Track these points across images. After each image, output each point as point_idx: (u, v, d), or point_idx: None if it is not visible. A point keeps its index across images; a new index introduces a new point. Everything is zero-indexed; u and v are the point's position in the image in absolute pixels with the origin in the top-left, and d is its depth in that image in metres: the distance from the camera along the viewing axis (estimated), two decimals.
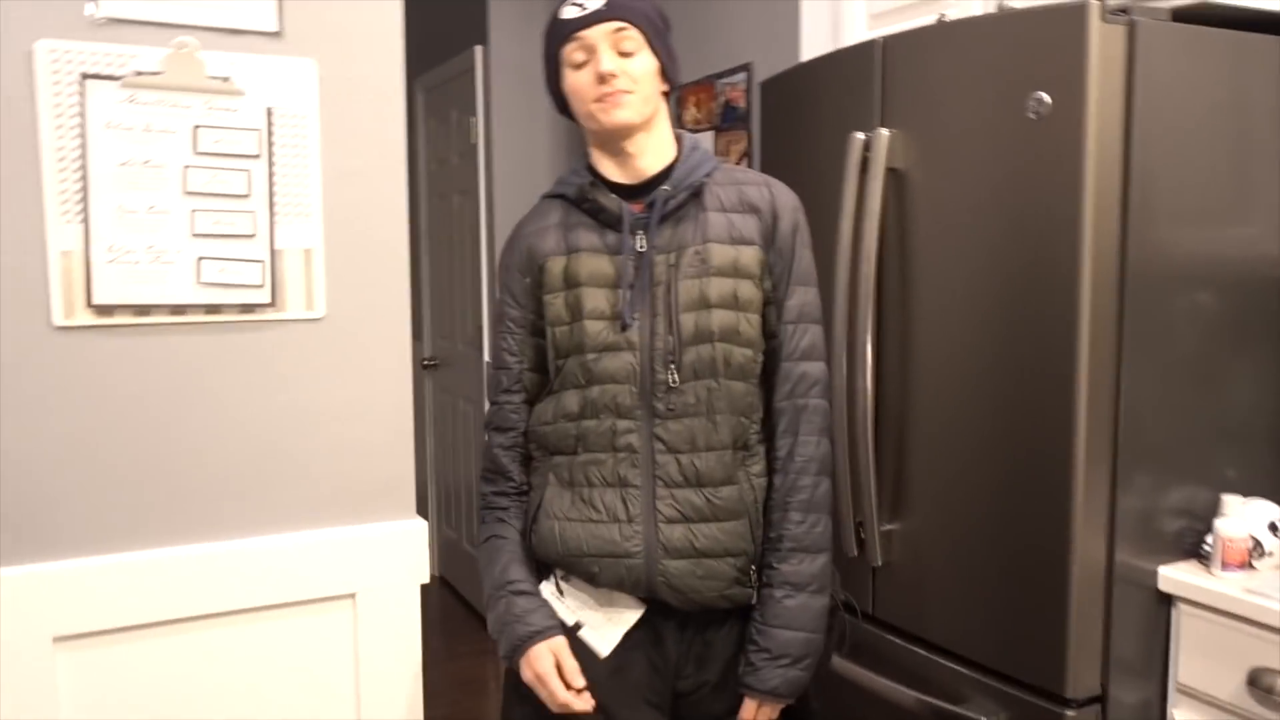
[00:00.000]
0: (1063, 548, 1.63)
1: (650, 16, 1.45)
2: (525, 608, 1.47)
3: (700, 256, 1.44)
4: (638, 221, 1.46)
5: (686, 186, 1.46)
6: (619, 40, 1.42)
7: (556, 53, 1.46)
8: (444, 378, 4.29)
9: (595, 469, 1.45)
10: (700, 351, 1.43)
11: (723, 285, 1.44)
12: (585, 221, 1.49)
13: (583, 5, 1.43)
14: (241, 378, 1.39)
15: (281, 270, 1.39)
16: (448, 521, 4.35)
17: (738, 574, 1.46)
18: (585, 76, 1.43)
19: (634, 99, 1.43)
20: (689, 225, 1.46)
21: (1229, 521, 1.67)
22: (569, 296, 1.46)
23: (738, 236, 1.46)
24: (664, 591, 1.44)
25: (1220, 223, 1.73)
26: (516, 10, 3.58)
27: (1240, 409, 1.79)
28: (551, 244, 1.49)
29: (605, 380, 1.44)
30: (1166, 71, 1.63)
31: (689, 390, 1.43)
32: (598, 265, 1.46)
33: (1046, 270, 1.64)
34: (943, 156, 1.80)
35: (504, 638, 1.47)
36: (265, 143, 1.37)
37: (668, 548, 1.43)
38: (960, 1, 2.07)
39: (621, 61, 1.42)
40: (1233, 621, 1.62)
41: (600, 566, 1.44)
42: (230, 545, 1.39)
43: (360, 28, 1.42)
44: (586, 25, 1.42)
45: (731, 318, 1.44)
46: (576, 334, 1.45)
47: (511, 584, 1.49)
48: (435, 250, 4.34)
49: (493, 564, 1.52)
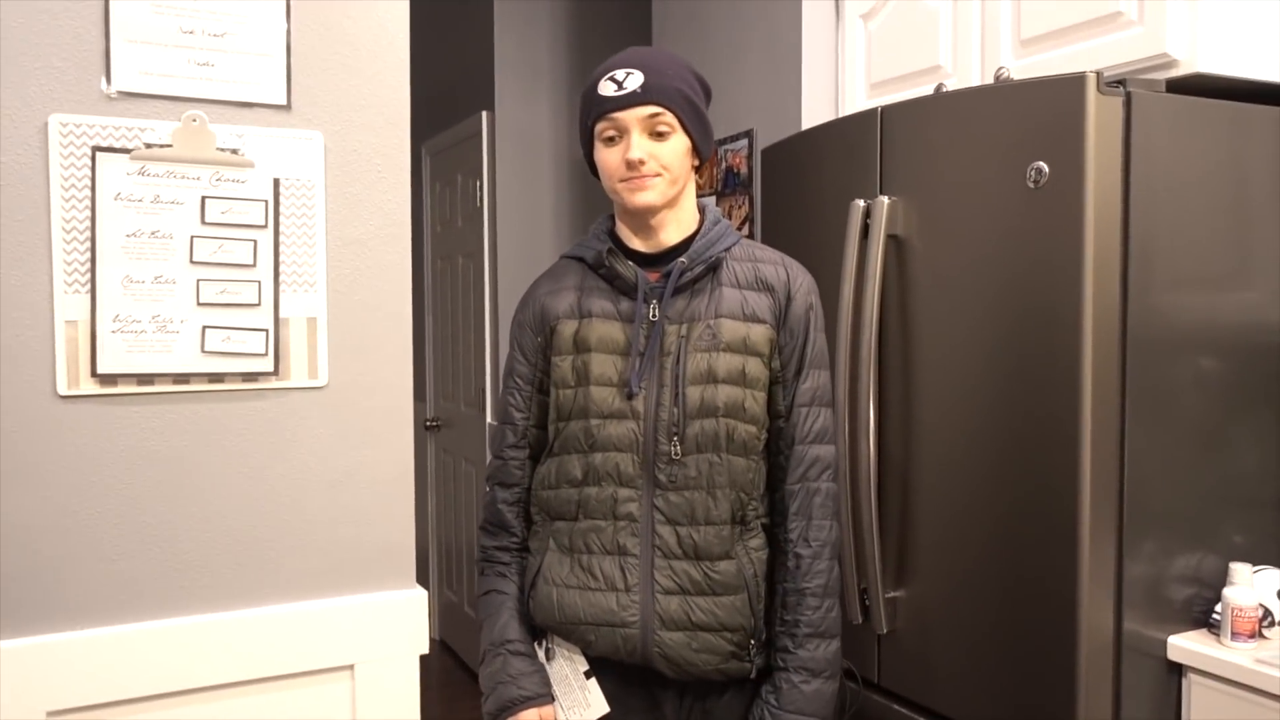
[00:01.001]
0: (1070, 616, 1.62)
1: (687, 96, 1.46)
2: (520, 669, 1.48)
3: (711, 331, 1.45)
4: (653, 290, 1.47)
5: (703, 260, 1.47)
6: (653, 124, 1.43)
7: (588, 124, 1.47)
8: (446, 439, 4.29)
9: (595, 536, 1.45)
10: (704, 425, 1.43)
11: (731, 361, 1.44)
12: (601, 286, 1.50)
13: (620, 84, 1.43)
14: (243, 447, 1.39)
15: (285, 339, 1.40)
16: (448, 584, 4.31)
17: (734, 649, 1.45)
18: (615, 156, 1.45)
19: (660, 182, 1.44)
20: (703, 298, 1.47)
21: (1238, 590, 1.65)
22: (577, 360, 1.47)
23: (750, 314, 1.47)
24: (659, 662, 1.44)
25: (1220, 289, 1.73)
26: (522, 76, 3.64)
27: (1246, 474, 1.78)
28: (565, 306, 1.51)
29: (608, 447, 1.44)
30: (1163, 141, 1.65)
31: (691, 463, 1.43)
32: (609, 331, 1.47)
33: (1048, 337, 1.64)
34: (943, 223, 1.81)
35: (494, 696, 1.48)
36: (272, 213, 1.38)
37: (664, 619, 1.42)
38: (958, 72, 2.11)
39: (652, 146, 1.43)
40: (1244, 692, 1.60)
41: (596, 635, 1.45)
42: (228, 616, 1.38)
43: (367, 100, 1.45)
44: (620, 107, 1.42)
45: (738, 394, 1.44)
46: (581, 398, 1.46)
47: (509, 643, 1.50)
48: (439, 312, 4.36)
49: (493, 619, 1.53)
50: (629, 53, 1.47)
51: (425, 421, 4.41)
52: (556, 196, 3.71)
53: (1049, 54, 1.91)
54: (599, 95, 1.44)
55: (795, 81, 2.58)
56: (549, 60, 3.67)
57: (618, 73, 1.43)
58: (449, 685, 3.98)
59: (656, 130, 1.43)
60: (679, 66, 1.47)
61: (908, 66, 2.22)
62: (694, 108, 1.47)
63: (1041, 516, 1.66)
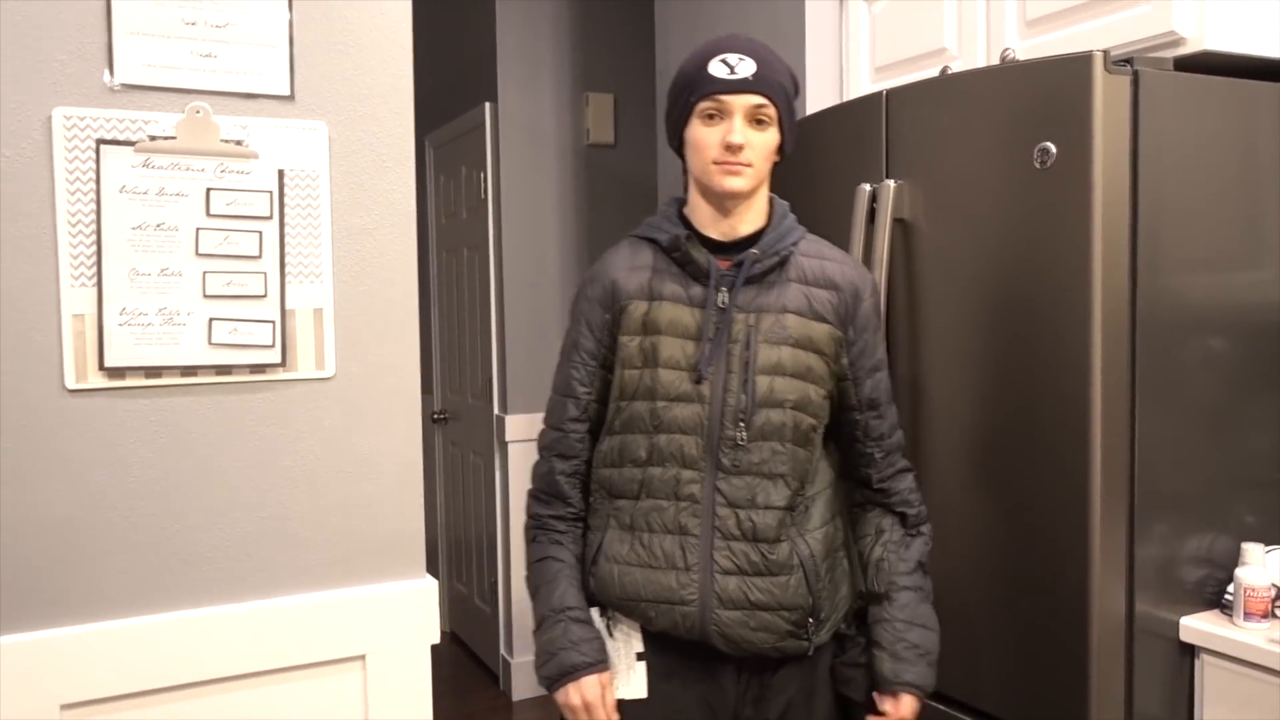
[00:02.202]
0: (1082, 599, 1.61)
1: (788, 93, 1.50)
2: (581, 636, 1.52)
3: (780, 324, 1.49)
4: (724, 278, 1.50)
5: (774, 253, 1.50)
6: (756, 113, 1.46)
7: (690, 100, 1.48)
8: (454, 431, 4.29)
9: (656, 515, 1.49)
10: (771, 415, 1.47)
11: (798, 356, 1.49)
12: (672, 270, 1.53)
13: (733, 69, 1.45)
14: (251, 438, 1.39)
15: (292, 330, 1.40)
16: (458, 576, 4.32)
17: (792, 627, 1.49)
18: (713, 136, 1.46)
19: (751, 172, 1.47)
20: (771, 291, 1.50)
21: (1251, 570, 1.65)
22: (645, 342, 1.50)
23: (815, 312, 1.51)
24: (716, 640, 1.48)
25: (1230, 269, 1.72)
26: (525, 67, 3.63)
27: (1257, 454, 1.77)
28: (635, 286, 1.53)
29: (674, 429, 1.48)
30: (1171, 120, 1.64)
31: (755, 450, 1.47)
32: (678, 315, 1.50)
33: (1057, 318, 1.63)
34: (949, 206, 1.80)
35: (554, 662, 1.51)
36: (277, 204, 1.38)
37: (722, 598, 1.47)
38: (963, 54, 2.09)
39: (751, 134, 1.46)
40: (1257, 673, 1.59)
41: (656, 612, 1.49)
42: (240, 608, 1.38)
43: (370, 89, 1.44)
44: (730, 91, 1.45)
45: (804, 388, 1.49)
46: (649, 379, 1.49)
47: (570, 610, 1.53)
48: (445, 304, 4.36)
49: (551, 586, 1.56)
50: (737, 38, 1.50)
51: (432, 414, 4.41)
52: (561, 187, 3.71)
53: (1055, 34, 1.90)
54: (708, 74, 1.45)
55: (799, 66, 2.57)
56: (551, 51, 3.66)
57: (730, 56, 1.45)
58: (459, 677, 3.99)
59: (758, 119, 1.46)
60: (783, 62, 1.51)
61: (912, 49, 2.21)
62: (791, 105, 1.50)
63: (1052, 499, 1.65)
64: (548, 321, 3.71)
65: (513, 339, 3.66)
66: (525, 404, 3.68)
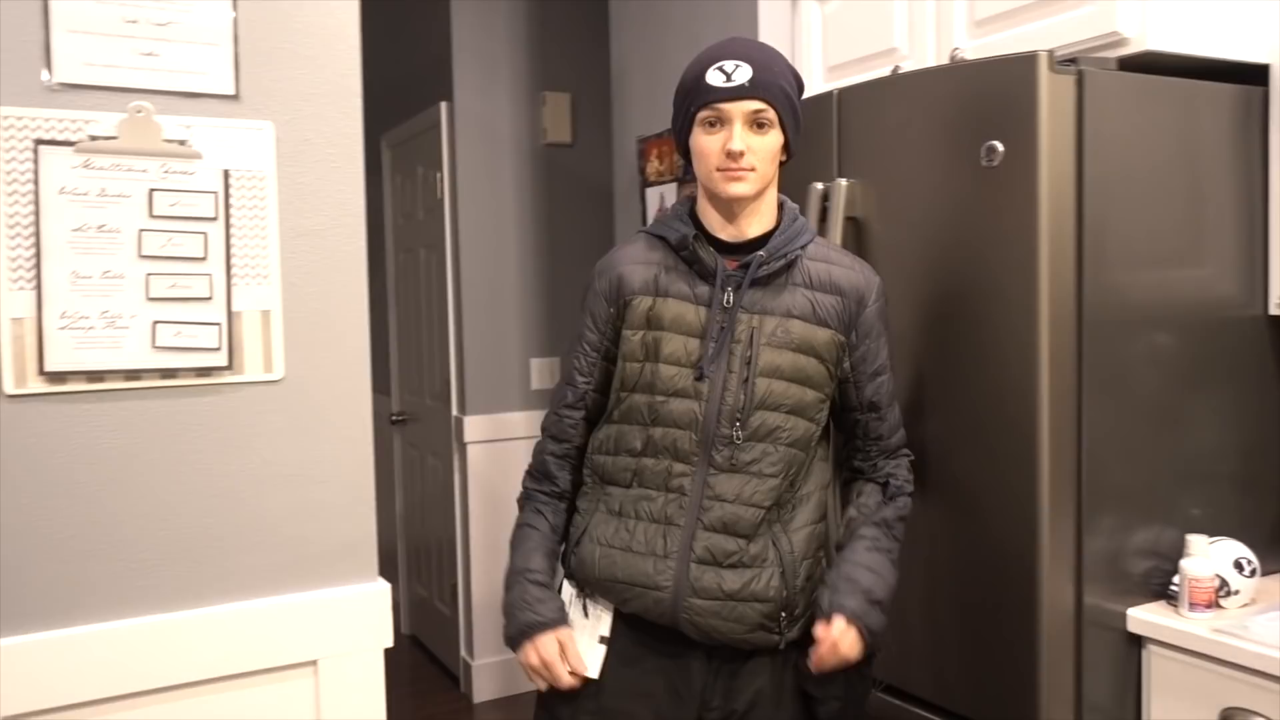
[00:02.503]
0: (1032, 592, 1.63)
1: (788, 94, 1.51)
2: (537, 596, 1.57)
3: (784, 328, 1.51)
4: (730, 278, 1.52)
5: (781, 255, 1.52)
6: (755, 118, 1.48)
7: (690, 110, 1.51)
8: (412, 433, 4.26)
9: (645, 504, 1.53)
10: (767, 417, 1.50)
11: (798, 360, 1.52)
12: (680, 268, 1.55)
13: (729, 76, 1.47)
14: (198, 442, 1.37)
15: (239, 333, 1.38)
16: (418, 579, 4.29)
17: (763, 619, 1.51)
18: (714, 143, 1.49)
19: (755, 175, 1.49)
20: (776, 293, 1.53)
21: (1195, 561, 1.68)
22: (648, 336, 1.53)
23: (818, 317, 1.54)
24: (687, 627, 1.51)
25: (1174, 265, 1.76)
26: (481, 66, 3.61)
27: (1202, 448, 1.81)
28: (641, 282, 1.56)
29: (669, 423, 1.51)
30: (1116, 119, 1.66)
31: (748, 449, 1.50)
32: (683, 312, 1.53)
33: (1005, 315, 1.65)
34: (900, 205, 1.82)
35: (513, 622, 1.58)
36: (222, 205, 1.36)
37: (695, 587, 1.49)
38: (914, 53, 2.11)
39: (752, 139, 1.48)
40: (1203, 662, 1.62)
41: (631, 594, 1.53)
42: (187, 615, 1.36)
43: (318, 89, 1.43)
44: (727, 98, 1.47)
45: (801, 392, 1.52)
46: (649, 373, 1.52)
47: (530, 572, 1.59)
48: (403, 305, 4.33)
49: (518, 549, 1.62)
50: (735, 43, 1.52)
51: (390, 416, 4.38)
52: (518, 187, 3.69)
53: (1003, 34, 1.92)
54: (706, 83, 1.48)
55: None
56: (507, 50, 3.65)
57: (726, 64, 1.47)
58: (420, 680, 3.96)
59: (758, 123, 1.48)
60: (782, 64, 1.52)
61: (864, 49, 2.22)
62: (793, 106, 1.52)
63: (1001, 494, 1.67)
64: (505, 322, 3.70)
65: (470, 340, 3.64)
66: (484, 405, 3.66)
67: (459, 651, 3.79)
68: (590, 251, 3.80)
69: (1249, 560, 1.73)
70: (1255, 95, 1.82)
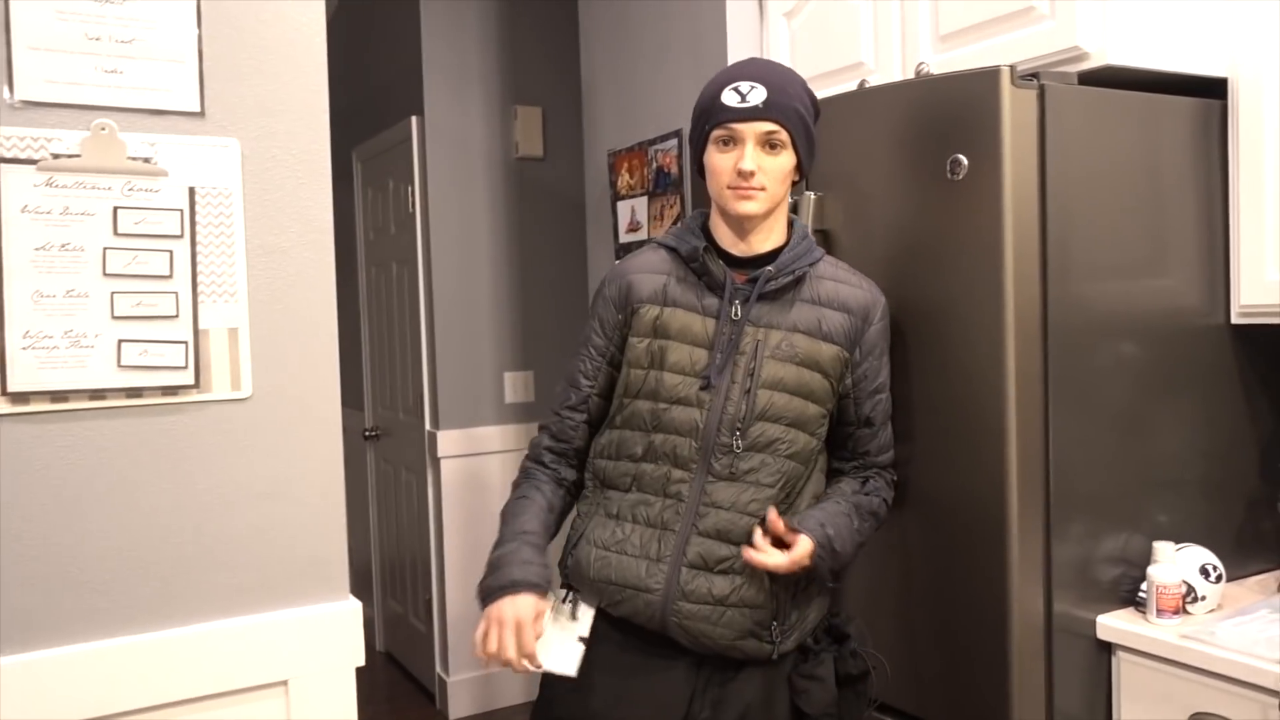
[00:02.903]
0: (1002, 600, 1.65)
1: (802, 116, 1.54)
2: (530, 558, 1.59)
3: (789, 343, 1.55)
4: (738, 292, 1.57)
5: (789, 272, 1.57)
6: (768, 139, 1.52)
7: (705, 128, 1.56)
8: (386, 448, 4.23)
9: (643, 509, 1.56)
10: (767, 428, 1.53)
11: (802, 374, 1.55)
12: (689, 280, 1.60)
13: (744, 96, 1.51)
14: (165, 462, 1.35)
15: (206, 351, 1.37)
16: (393, 595, 4.26)
17: (754, 626, 1.53)
18: (727, 161, 1.53)
19: (765, 195, 1.54)
20: (783, 308, 1.57)
21: (1162, 568, 1.70)
22: (654, 345, 1.57)
23: (824, 333, 1.57)
24: (676, 631, 1.52)
25: (1137, 276, 1.78)
26: (451, 80, 3.61)
27: (1168, 456, 1.83)
28: (650, 291, 1.60)
29: (671, 430, 1.54)
30: (1077, 132, 1.69)
31: (747, 458, 1.53)
32: (689, 323, 1.57)
33: (972, 327, 1.67)
34: (868, 217, 1.84)
35: (498, 574, 1.56)
36: (188, 223, 1.35)
37: (685, 590, 1.51)
38: (880, 67, 2.13)
39: (764, 159, 1.53)
40: (1171, 668, 1.64)
41: (622, 596, 1.55)
42: (153, 637, 1.34)
43: (284, 105, 1.42)
44: (741, 119, 1.51)
45: (803, 406, 1.55)
46: (653, 381, 1.56)
47: (527, 534, 1.60)
48: (375, 319, 4.31)
49: (516, 515, 1.63)
50: (752, 64, 1.57)
51: (364, 431, 4.35)
52: (490, 201, 3.69)
53: (967, 49, 1.95)
54: (721, 103, 1.52)
55: None
56: (478, 63, 3.65)
57: (742, 84, 1.52)
58: (396, 697, 3.93)
59: (770, 144, 1.52)
60: (798, 86, 1.56)
61: (831, 63, 2.24)
62: (806, 128, 1.56)
63: (970, 503, 1.68)
64: (478, 336, 3.69)
65: (443, 354, 3.63)
66: (457, 419, 3.65)
67: (434, 668, 3.77)
68: (563, 265, 3.80)
69: (1215, 566, 1.75)
70: (1214, 108, 1.86)
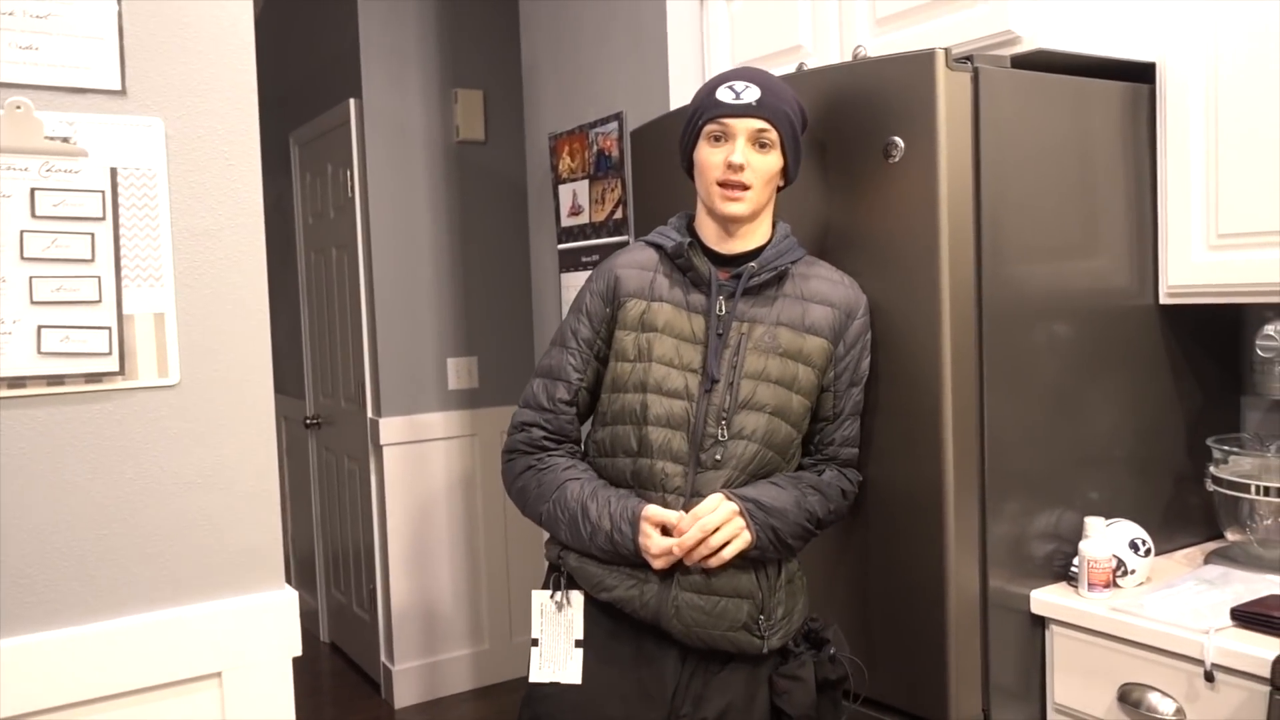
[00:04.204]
0: (939, 578, 1.67)
1: (792, 121, 1.59)
2: (613, 494, 1.59)
3: (772, 335, 1.59)
4: (722, 288, 1.61)
5: (771, 268, 1.61)
6: (759, 137, 1.57)
7: (698, 123, 1.60)
8: (328, 436, 4.18)
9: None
10: (750, 418, 1.57)
11: (785, 366, 1.59)
12: (675, 276, 1.63)
13: (738, 95, 1.56)
14: (89, 451, 1.32)
15: (131, 336, 1.33)
16: (337, 585, 4.21)
17: (745, 618, 1.55)
18: (716, 156, 1.58)
19: (751, 194, 1.58)
20: (767, 303, 1.61)
21: (1092, 543, 1.73)
22: (641, 338, 1.60)
23: (808, 326, 1.62)
24: (671, 622, 1.54)
25: (1069, 258, 1.81)
26: (390, 62, 3.55)
27: (1099, 434, 1.87)
28: (637, 286, 1.64)
29: (661, 423, 1.57)
30: (1010, 115, 1.71)
31: (732, 447, 1.56)
32: (675, 318, 1.60)
33: (909, 308, 1.68)
34: (809, 199, 1.84)
35: (620, 524, 1.55)
36: (110, 204, 1.31)
37: (682, 581, 1.54)
38: (818, 50, 2.14)
39: (753, 156, 1.57)
40: (1102, 640, 1.68)
41: (618, 583, 1.57)
42: (82, 630, 1.31)
43: (210, 84, 1.39)
44: (735, 115, 1.56)
45: (785, 396, 1.59)
46: (641, 373, 1.59)
47: (597, 485, 1.61)
48: (315, 305, 4.24)
49: (601, 502, 1.58)
50: (748, 69, 1.62)
51: (305, 419, 4.29)
52: (431, 185, 3.65)
53: (903, 32, 1.96)
54: (715, 99, 1.57)
55: (662, 63, 2.59)
56: (417, 46, 3.60)
57: (737, 84, 1.57)
58: (341, 687, 3.89)
59: (760, 142, 1.56)
60: (790, 94, 1.61)
61: (770, 46, 2.25)
62: (794, 133, 1.60)
63: (907, 483, 1.70)
64: (421, 321, 3.65)
65: (385, 340, 3.59)
66: (400, 407, 3.61)
67: (379, 657, 3.74)
68: (505, 249, 3.78)
69: (1144, 540, 1.79)
70: (1143, 92, 1.89)
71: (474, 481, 3.76)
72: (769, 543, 1.54)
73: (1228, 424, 2.07)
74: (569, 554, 1.62)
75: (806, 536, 1.60)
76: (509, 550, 3.82)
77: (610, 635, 1.60)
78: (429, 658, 3.70)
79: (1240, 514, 1.84)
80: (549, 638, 1.63)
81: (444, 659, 3.72)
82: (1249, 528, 1.83)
